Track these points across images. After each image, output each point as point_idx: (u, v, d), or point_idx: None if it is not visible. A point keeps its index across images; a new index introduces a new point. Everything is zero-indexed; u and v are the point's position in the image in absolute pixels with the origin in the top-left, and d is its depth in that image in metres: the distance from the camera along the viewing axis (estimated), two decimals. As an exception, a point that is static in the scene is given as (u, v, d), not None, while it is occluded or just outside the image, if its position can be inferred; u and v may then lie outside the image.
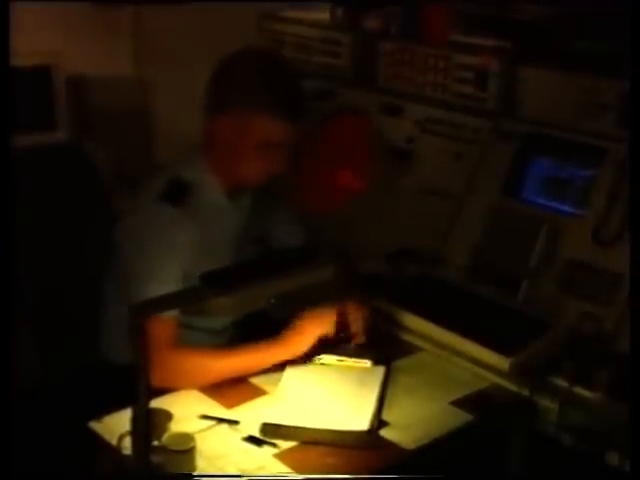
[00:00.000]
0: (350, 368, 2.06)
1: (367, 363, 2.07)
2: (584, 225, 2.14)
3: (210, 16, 2.29)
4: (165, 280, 1.97)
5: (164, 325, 1.93)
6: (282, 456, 1.74)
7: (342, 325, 2.15)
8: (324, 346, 2.10)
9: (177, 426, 1.78)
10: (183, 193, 2.07)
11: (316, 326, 2.09)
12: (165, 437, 1.71)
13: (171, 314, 1.95)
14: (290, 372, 2.03)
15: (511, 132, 2.38)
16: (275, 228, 2.40)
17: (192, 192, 2.08)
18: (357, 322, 2.17)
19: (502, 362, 1.98)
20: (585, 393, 1.89)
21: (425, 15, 2.66)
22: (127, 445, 1.55)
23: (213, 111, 2.09)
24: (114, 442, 1.68)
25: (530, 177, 2.33)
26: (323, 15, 3.01)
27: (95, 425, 1.81)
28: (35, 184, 2.22)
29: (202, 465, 1.70)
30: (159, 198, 2.05)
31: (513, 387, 1.97)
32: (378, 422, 1.84)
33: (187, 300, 1.61)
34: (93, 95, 3.25)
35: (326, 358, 2.09)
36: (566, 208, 2.23)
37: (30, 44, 2.93)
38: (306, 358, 2.07)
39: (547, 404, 1.92)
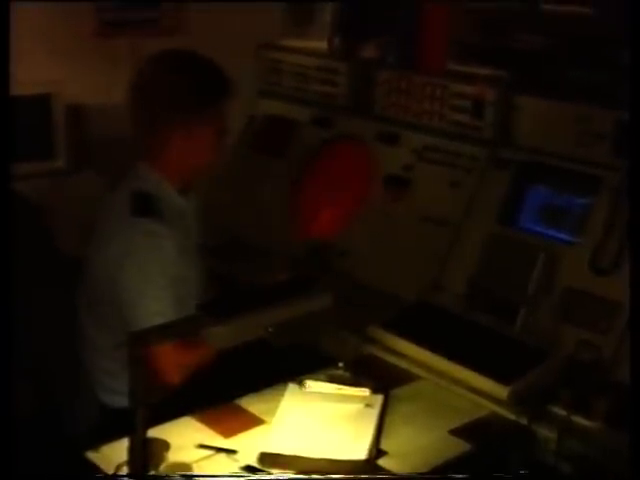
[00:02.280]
0: (348, 397, 2.05)
1: (365, 391, 2.06)
2: (581, 253, 2.15)
3: (208, 46, 2.32)
4: (165, 286, 2.06)
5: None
6: (280, 486, 1.74)
7: None
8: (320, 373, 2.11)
9: (174, 456, 1.77)
10: (150, 204, 2.14)
11: None
12: (162, 467, 1.70)
13: None
14: (288, 401, 2.02)
15: (508, 160, 2.39)
16: None
17: (155, 201, 2.16)
18: None
19: (500, 390, 1.98)
20: (584, 421, 1.88)
21: (422, 44, 2.68)
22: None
23: (159, 121, 2.17)
24: (111, 472, 1.68)
25: (527, 205, 2.34)
26: (321, 44, 3.03)
27: (92, 455, 1.81)
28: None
29: (199, 495, 1.69)
30: (131, 215, 2.11)
31: (511, 415, 1.96)
32: (376, 451, 1.84)
33: (185, 329, 1.61)
34: (92, 124, 3.27)
35: (324, 386, 2.09)
36: (563, 236, 2.24)
37: (30, 73, 2.95)
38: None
39: (546, 433, 1.91)
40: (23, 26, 2.94)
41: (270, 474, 1.76)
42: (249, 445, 1.85)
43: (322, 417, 1.96)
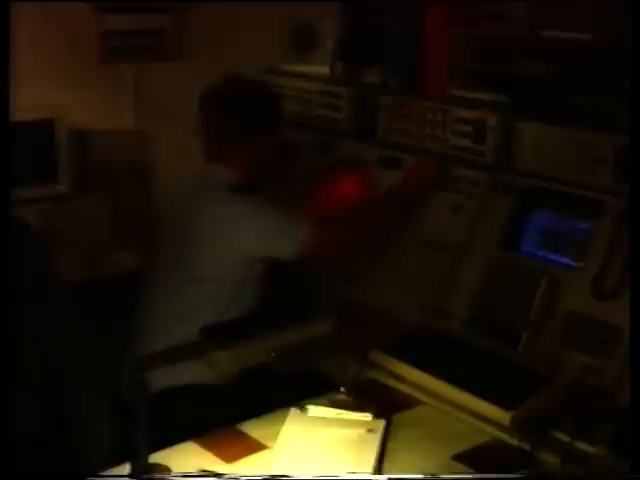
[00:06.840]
0: (350, 422, 2.05)
1: (367, 416, 2.06)
2: (583, 278, 2.14)
3: (210, 72, 2.34)
4: None
5: None
6: (282, 512, 1.73)
7: None
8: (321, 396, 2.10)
9: (176, 481, 1.76)
10: None
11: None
12: (164, 493, 1.70)
13: None
14: (290, 426, 2.01)
15: (509, 185, 2.40)
16: None
17: None
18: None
19: (503, 416, 1.97)
20: (586, 447, 1.88)
21: (424, 69, 2.69)
22: (125, 501, 1.54)
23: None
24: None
25: (529, 230, 2.34)
26: (323, 69, 3.05)
27: (92, 481, 1.80)
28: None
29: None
30: None
31: (514, 441, 1.96)
32: (379, 477, 1.83)
33: (188, 354, 1.61)
34: (95, 149, 3.28)
35: (326, 411, 2.08)
36: (565, 261, 2.24)
37: (34, 98, 2.97)
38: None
39: (548, 458, 1.90)
40: (27, 51, 2.96)
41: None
42: (251, 470, 1.84)
43: (324, 442, 1.96)
